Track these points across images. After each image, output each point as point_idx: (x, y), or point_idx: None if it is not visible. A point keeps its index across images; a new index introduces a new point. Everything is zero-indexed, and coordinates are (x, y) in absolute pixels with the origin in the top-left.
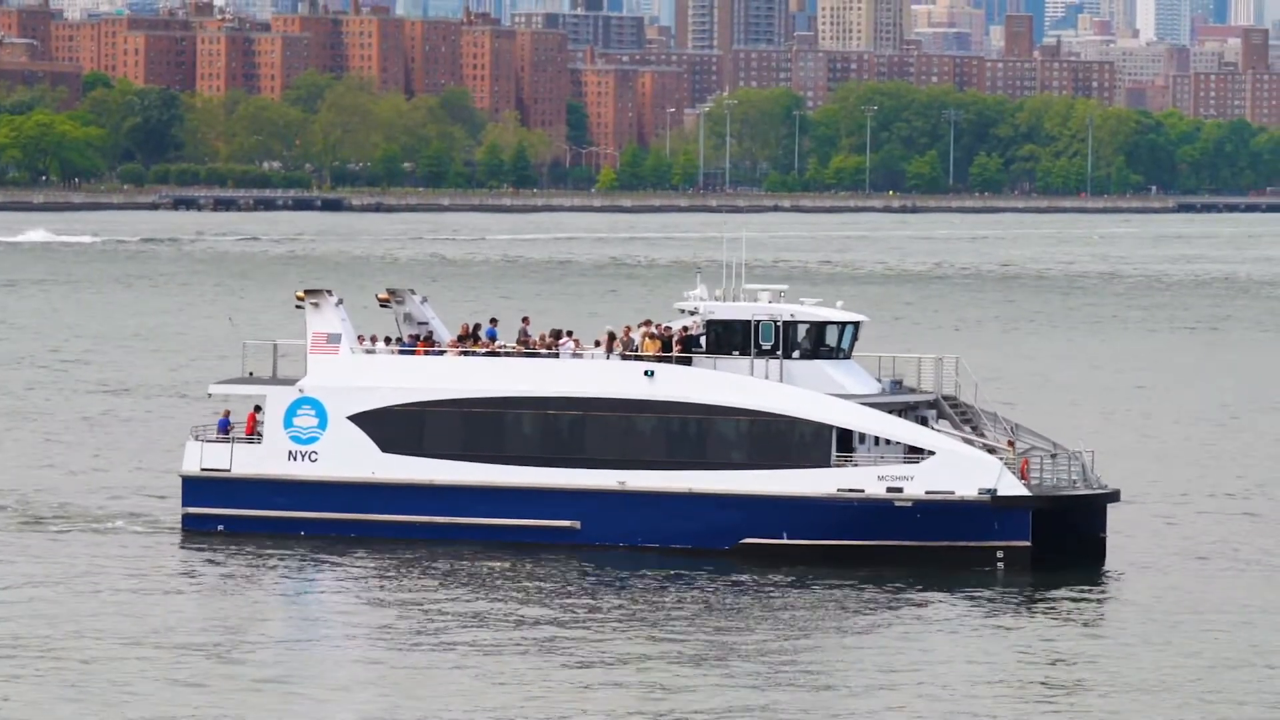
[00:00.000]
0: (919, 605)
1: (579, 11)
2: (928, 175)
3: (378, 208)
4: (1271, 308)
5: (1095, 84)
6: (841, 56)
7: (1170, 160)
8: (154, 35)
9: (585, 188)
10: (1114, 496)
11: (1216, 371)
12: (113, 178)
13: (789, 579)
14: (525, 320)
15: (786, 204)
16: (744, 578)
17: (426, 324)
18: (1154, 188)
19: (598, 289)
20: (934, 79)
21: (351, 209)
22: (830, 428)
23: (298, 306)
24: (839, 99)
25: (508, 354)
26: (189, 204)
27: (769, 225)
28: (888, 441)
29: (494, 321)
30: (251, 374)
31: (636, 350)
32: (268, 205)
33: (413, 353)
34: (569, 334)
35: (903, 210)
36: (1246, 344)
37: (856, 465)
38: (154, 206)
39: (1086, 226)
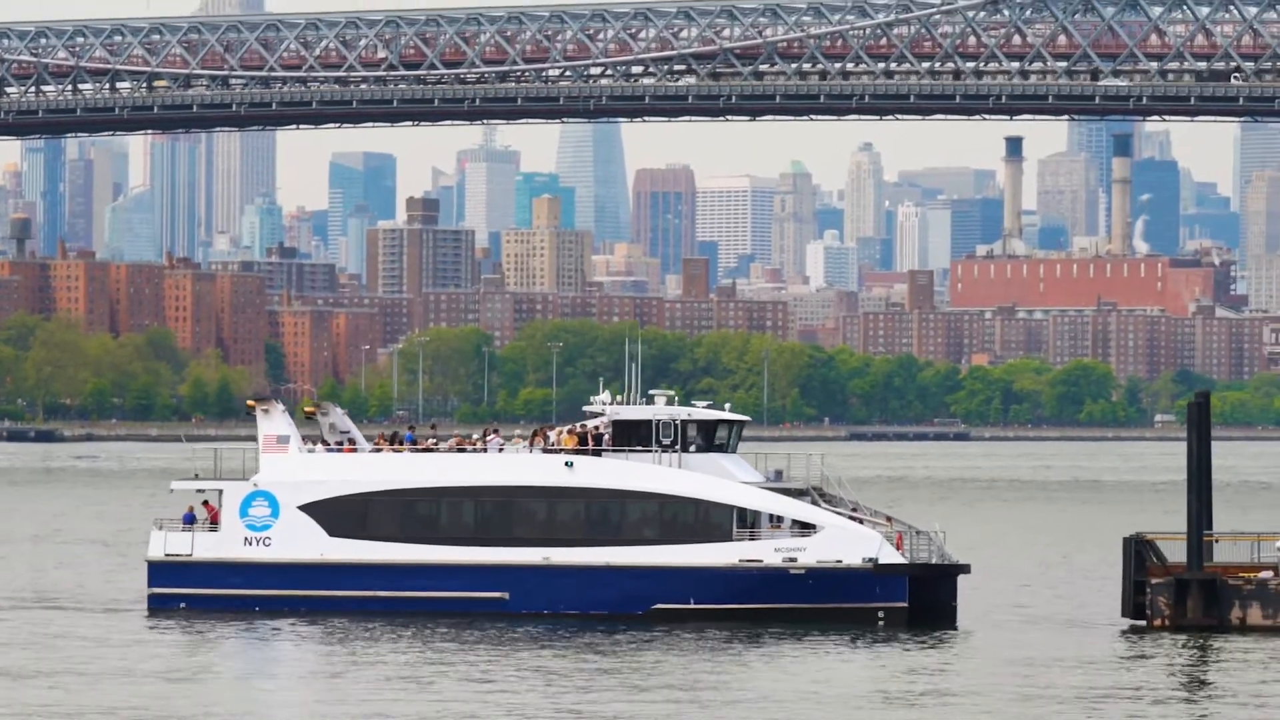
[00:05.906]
0: (805, 654)
1: (273, 259)
2: None
3: (89, 438)
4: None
5: (770, 323)
6: (527, 298)
7: (842, 393)
8: None
9: None
10: (966, 569)
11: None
12: None
13: (694, 637)
14: (434, 425)
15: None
16: (655, 637)
17: (348, 432)
18: (826, 419)
19: None
20: (616, 317)
21: (64, 439)
22: (731, 508)
23: (248, 414)
24: (526, 336)
25: (440, 450)
26: None
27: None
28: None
29: (411, 428)
30: (197, 474)
31: (555, 445)
32: None
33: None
34: (496, 431)
35: None
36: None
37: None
38: None
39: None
